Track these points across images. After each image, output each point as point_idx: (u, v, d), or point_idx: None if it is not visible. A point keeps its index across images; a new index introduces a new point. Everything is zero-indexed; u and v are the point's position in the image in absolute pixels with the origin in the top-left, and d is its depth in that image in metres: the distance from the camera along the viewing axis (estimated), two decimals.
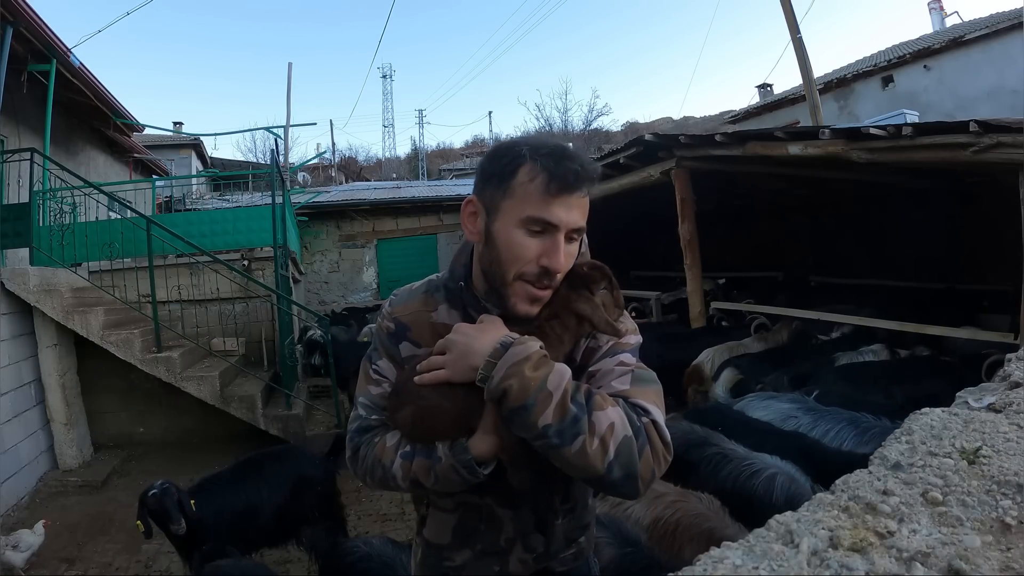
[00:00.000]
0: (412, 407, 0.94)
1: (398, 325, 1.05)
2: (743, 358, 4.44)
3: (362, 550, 2.30)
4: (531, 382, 0.82)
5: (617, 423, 0.83)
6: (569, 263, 0.95)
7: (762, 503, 2.18)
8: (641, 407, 0.88)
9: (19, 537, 3.49)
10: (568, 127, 25.76)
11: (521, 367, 0.83)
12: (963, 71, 11.23)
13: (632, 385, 0.93)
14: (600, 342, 0.98)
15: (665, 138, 5.40)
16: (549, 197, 0.90)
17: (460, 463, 0.90)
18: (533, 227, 0.91)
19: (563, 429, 0.81)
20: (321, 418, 5.90)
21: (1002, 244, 4.01)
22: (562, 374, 0.85)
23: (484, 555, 1.06)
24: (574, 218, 0.92)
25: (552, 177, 0.90)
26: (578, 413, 0.82)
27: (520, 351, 0.85)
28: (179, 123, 18.11)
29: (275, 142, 10.71)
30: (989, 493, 0.65)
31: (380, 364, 1.06)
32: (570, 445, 0.82)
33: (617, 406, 0.86)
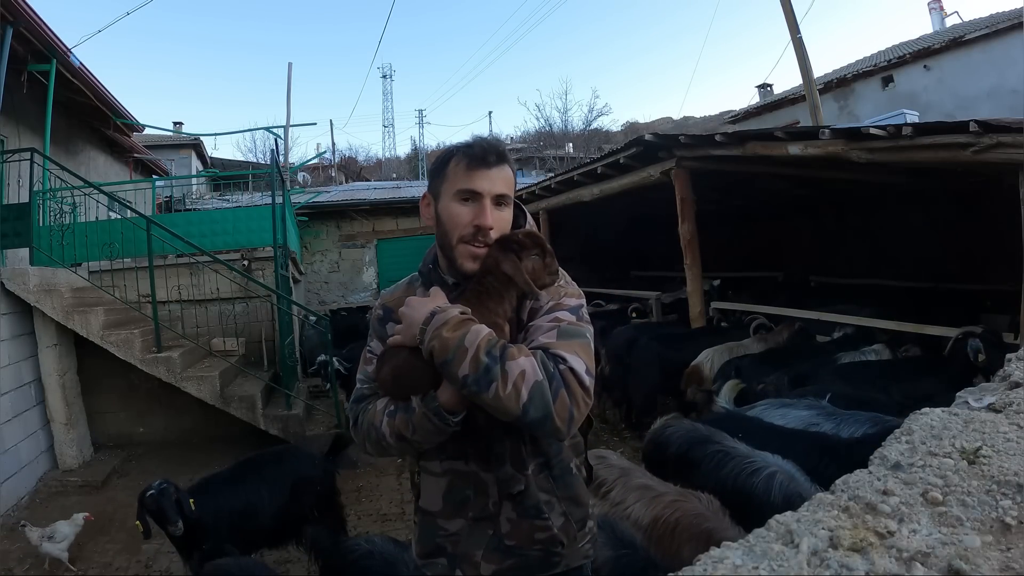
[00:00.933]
0: (389, 367, 1.11)
1: (385, 310, 1.27)
2: (743, 359, 4.44)
3: (364, 548, 2.30)
4: (449, 341, 0.99)
5: (528, 370, 0.97)
6: (501, 225, 1.15)
7: (761, 501, 2.18)
8: (560, 356, 1.01)
9: (55, 528, 3.52)
10: (568, 127, 25.73)
11: (441, 330, 1.00)
12: (963, 71, 11.22)
13: (557, 339, 1.05)
14: (541, 302, 1.13)
15: (665, 138, 5.39)
16: (470, 172, 1.13)
17: (431, 411, 1.03)
18: (463, 196, 1.14)
19: (479, 378, 0.96)
20: (321, 418, 5.90)
21: (1002, 244, 4.01)
22: (477, 332, 1.00)
23: (477, 521, 1.15)
24: (496, 187, 1.14)
25: (470, 157, 1.14)
26: (489, 363, 0.97)
27: (441, 317, 1.02)
28: (179, 123, 18.12)
29: (275, 142, 10.71)
30: (989, 493, 0.65)
31: (372, 345, 1.25)
32: (486, 391, 0.96)
33: (531, 356, 0.99)
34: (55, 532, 3.48)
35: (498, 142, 1.22)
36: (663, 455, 2.71)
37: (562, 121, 25.81)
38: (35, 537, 3.51)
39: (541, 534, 1.15)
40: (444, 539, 1.18)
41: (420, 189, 13.27)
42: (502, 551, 1.15)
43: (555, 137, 25.24)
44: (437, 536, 1.18)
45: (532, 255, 1.11)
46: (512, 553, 1.14)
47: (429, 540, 1.20)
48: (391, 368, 1.11)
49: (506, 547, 1.14)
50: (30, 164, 5.27)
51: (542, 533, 1.15)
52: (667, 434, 2.81)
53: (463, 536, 1.16)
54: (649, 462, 2.83)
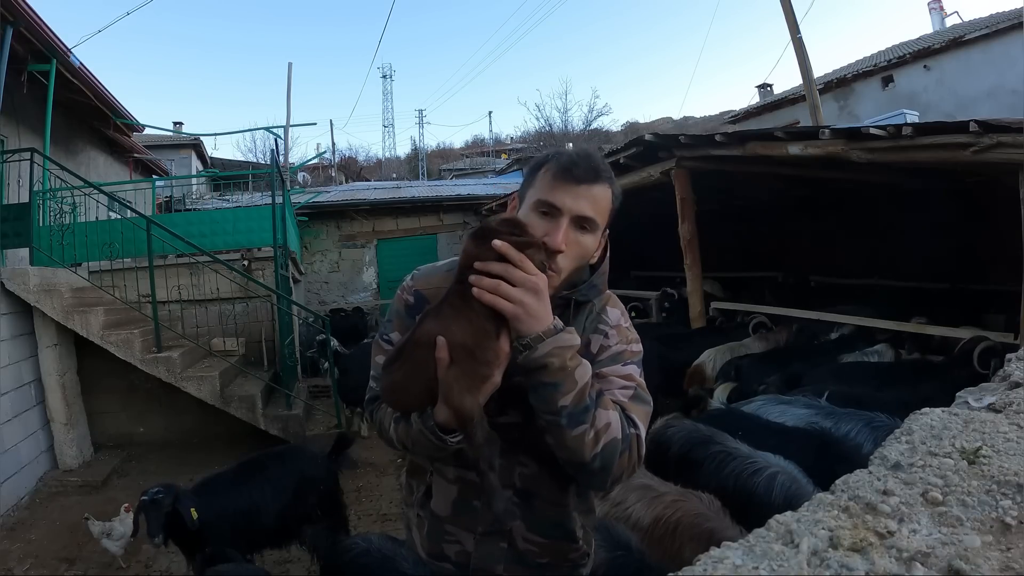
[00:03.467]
0: (388, 380, 1.01)
1: (418, 298, 1.12)
2: (743, 359, 4.44)
3: (361, 546, 2.30)
4: (568, 366, 0.93)
5: (613, 424, 0.96)
6: (578, 252, 1.04)
7: (762, 501, 2.19)
8: (633, 420, 1.01)
9: (112, 526, 3.54)
10: (568, 127, 25.72)
11: (565, 352, 0.93)
12: (963, 71, 11.22)
13: (631, 400, 1.03)
14: (611, 342, 1.08)
15: (665, 138, 5.39)
16: (555, 184, 1.03)
17: (426, 428, 0.97)
18: (542, 209, 1.03)
19: (574, 413, 0.93)
20: (321, 418, 5.91)
21: (1002, 244, 4.01)
22: (587, 370, 0.96)
23: (487, 536, 1.11)
24: (580, 206, 1.01)
25: (559, 168, 1.04)
26: (589, 404, 0.94)
27: (570, 339, 0.94)
28: (179, 123, 18.14)
29: (275, 142, 10.72)
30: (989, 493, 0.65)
31: (393, 336, 1.13)
32: (573, 429, 0.93)
33: (616, 410, 0.98)
34: (113, 530, 3.53)
35: (598, 158, 1.07)
36: (664, 455, 2.71)
37: (562, 121, 25.83)
38: (96, 531, 3.56)
39: (574, 553, 1.16)
40: (451, 547, 1.15)
41: (420, 189, 13.29)
42: (530, 565, 1.12)
43: (555, 137, 25.22)
44: (445, 540, 1.15)
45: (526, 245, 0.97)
46: (543, 568, 1.13)
47: (436, 542, 1.17)
48: (389, 383, 1.01)
49: (537, 564, 1.12)
50: (30, 164, 5.27)
51: (575, 552, 1.16)
52: (668, 435, 2.81)
53: (474, 551, 1.13)
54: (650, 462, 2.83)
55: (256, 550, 3.13)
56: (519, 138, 30.77)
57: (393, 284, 10.85)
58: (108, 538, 3.52)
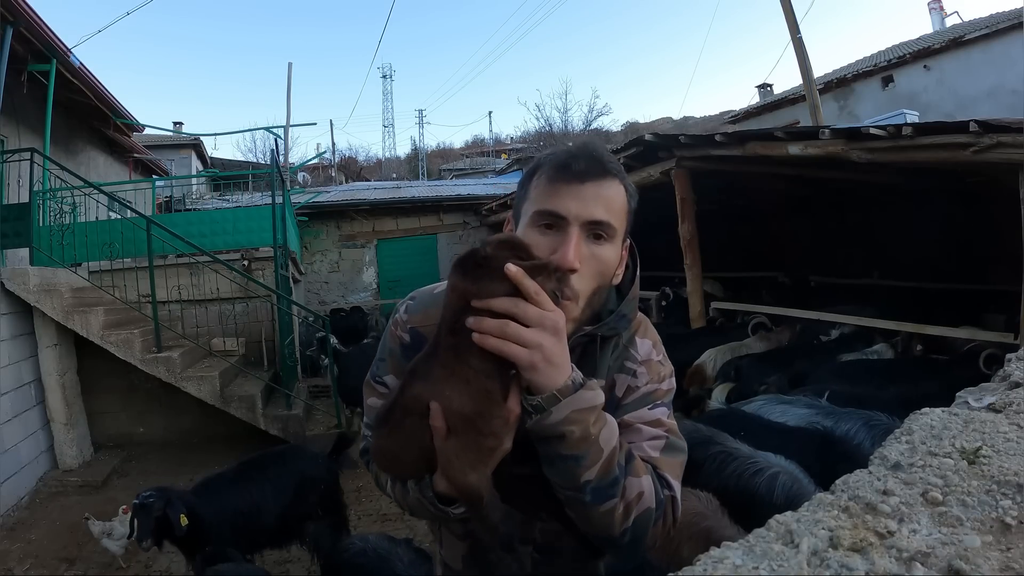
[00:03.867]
0: (377, 445, 0.83)
1: (415, 337, 0.94)
2: (743, 359, 4.45)
3: (358, 546, 2.32)
4: (591, 435, 0.75)
5: (646, 493, 0.81)
6: (597, 268, 0.85)
7: (763, 501, 2.19)
8: (667, 480, 0.86)
9: (113, 526, 3.55)
10: (568, 127, 25.73)
11: (588, 416, 0.75)
12: (963, 71, 11.22)
13: (662, 453, 0.88)
14: (639, 381, 0.91)
15: (665, 138, 5.39)
16: (554, 188, 0.84)
17: (425, 499, 0.83)
18: (543, 221, 0.84)
19: (600, 488, 0.77)
20: (321, 418, 5.91)
21: (1002, 244, 4.01)
22: (613, 431, 0.79)
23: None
24: (589, 209, 0.82)
25: (556, 167, 0.85)
26: (618, 476, 0.78)
27: (592, 397, 0.75)
28: (179, 123, 18.14)
29: (275, 142, 10.72)
30: (989, 493, 0.65)
31: (387, 379, 0.97)
32: (600, 505, 0.78)
33: (649, 474, 0.82)
34: (113, 530, 3.54)
35: (601, 148, 0.88)
36: None
37: (562, 121, 25.84)
38: (97, 531, 3.57)
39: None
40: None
41: (420, 189, 13.28)
42: None
43: (555, 137, 25.22)
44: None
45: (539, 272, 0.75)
46: None
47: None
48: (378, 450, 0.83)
49: None
50: (30, 164, 5.27)
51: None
52: None
53: None
54: None
55: (256, 550, 3.14)
56: (519, 138, 30.80)
57: (393, 284, 10.88)
58: (108, 538, 3.54)
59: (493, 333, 0.69)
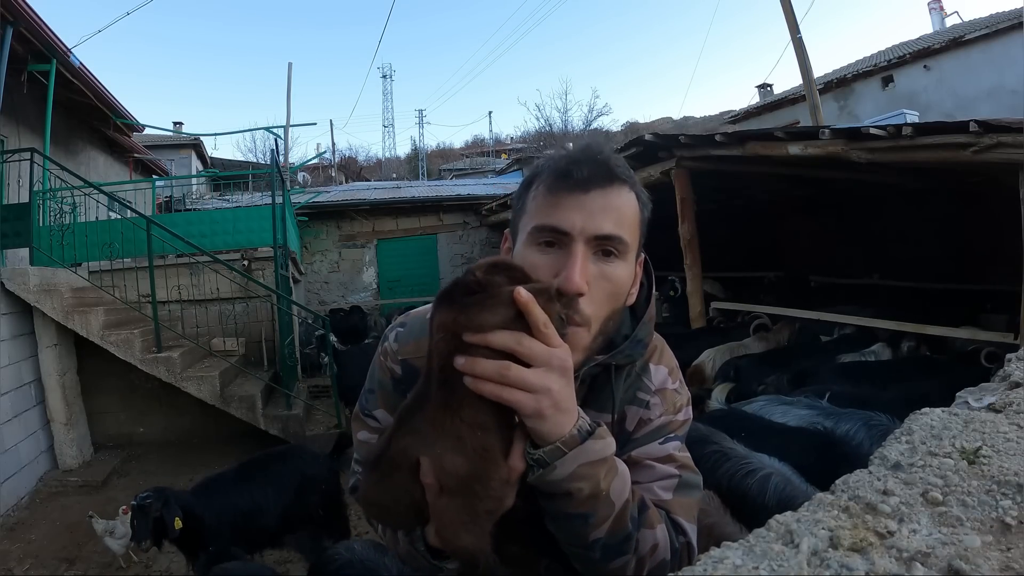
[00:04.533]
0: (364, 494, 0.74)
1: (406, 370, 0.84)
2: (743, 359, 4.44)
3: (344, 556, 2.28)
4: (601, 491, 0.67)
5: (661, 545, 0.73)
6: (608, 289, 0.74)
7: (755, 502, 2.19)
8: (681, 527, 0.78)
9: (115, 525, 3.55)
10: (568, 127, 25.75)
11: (597, 470, 0.66)
12: (963, 71, 11.23)
13: (675, 494, 0.79)
14: (653, 414, 0.82)
15: (665, 138, 5.39)
16: (554, 199, 0.73)
17: (416, 551, 0.74)
18: (543, 239, 0.73)
19: (611, 545, 0.69)
20: (321, 418, 5.90)
21: (1002, 244, 4.01)
22: (625, 482, 0.70)
23: None
24: (596, 222, 0.71)
25: (556, 174, 0.74)
26: (631, 531, 0.70)
27: (601, 449, 0.66)
28: (179, 123, 18.14)
29: (275, 142, 10.71)
30: (989, 493, 0.65)
31: (378, 415, 0.89)
32: (610, 563, 0.70)
33: (663, 523, 0.75)
34: (115, 528, 3.54)
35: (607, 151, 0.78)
36: None
37: (562, 121, 25.87)
38: (100, 529, 3.57)
39: None
40: None
41: (420, 189, 13.29)
42: None
43: (555, 137, 25.23)
44: None
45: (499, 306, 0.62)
46: None
47: None
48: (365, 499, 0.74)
49: None
50: (30, 164, 5.28)
51: None
52: None
53: None
54: None
55: (257, 550, 3.13)
56: (519, 138, 30.82)
57: (393, 284, 10.88)
58: (111, 536, 3.54)
59: (491, 377, 0.59)
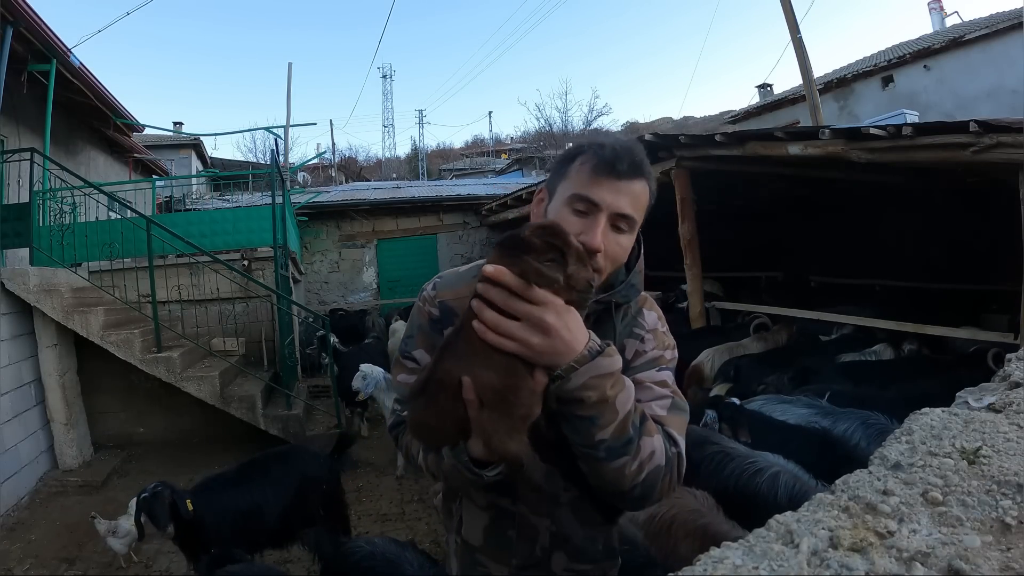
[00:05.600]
0: (412, 418, 0.90)
1: (444, 311, 1.01)
2: (742, 359, 4.44)
3: (365, 549, 2.30)
4: (607, 398, 0.83)
5: (657, 452, 0.88)
6: (616, 253, 0.95)
7: (766, 501, 2.18)
8: (674, 438, 0.93)
9: (118, 524, 3.54)
10: (568, 127, 25.75)
11: (604, 382, 0.82)
12: (963, 71, 11.22)
13: (669, 412, 0.96)
14: (647, 347, 1.00)
15: (665, 138, 5.39)
16: (595, 178, 0.94)
17: (461, 464, 0.87)
18: (578, 205, 0.94)
19: (614, 447, 0.85)
20: (321, 418, 5.90)
21: (1002, 244, 4.01)
22: (630, 395, 0.86)
23: (523, 569, 1.01)
24: (620, 203, 0.93)
25: (600, 160, 0.94)
26: (632, 436, 0.85)
27: (609, 364, 0.83)
28: (179, 123, 18.14)
29: (275, 142, 10.70)
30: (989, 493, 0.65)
31: (416, 354, 1.04)
32: (613, 462, 0.85)
33: (659, 434, 0.90)
34: (118, 528, 3.53)
35: (640, 152, 0.97)
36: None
37: (562, 121, 25.90)
38: (103, 529, 3.56)
39: (612, 569, 1.09)
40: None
41: (420, 189, 13.28)
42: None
43: (555, 137, 25.25)
44: (477, 572, 1.05)
45: (546, 261, 0.78)
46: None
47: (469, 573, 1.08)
48: (414, 422, 0.90)
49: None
50: (30, 164, 5.27)
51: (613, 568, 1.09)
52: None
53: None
54: None
55: (257, 550, 3.13)
56: (519, 138, 30.83)
57: (393, 284, 10.87)
58: (114, 536, 3.52)
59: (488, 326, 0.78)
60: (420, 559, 2.22)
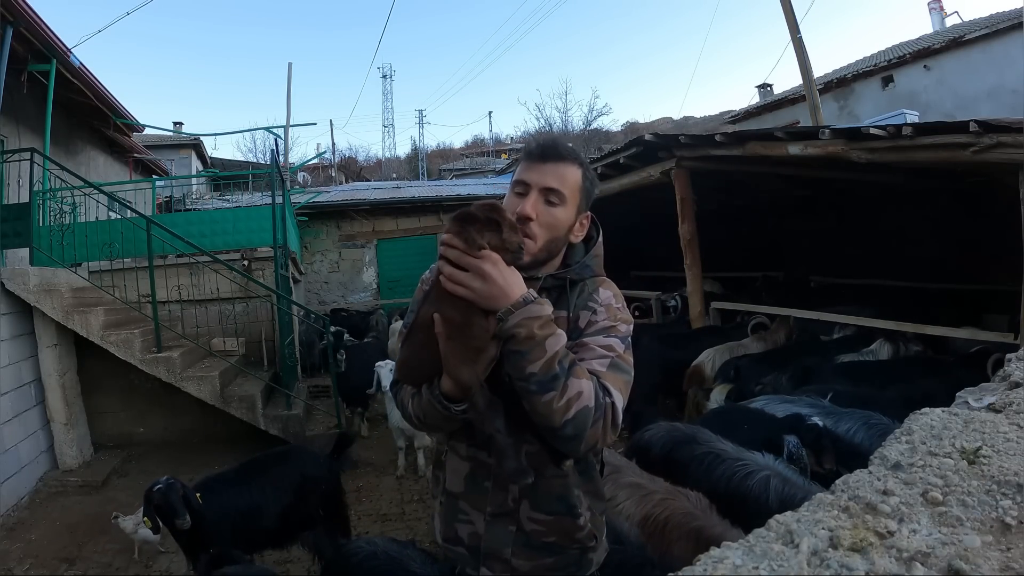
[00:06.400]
0: (400, 358, 1.16)
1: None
2: (743, 359, 4.44)
3: (367, 549, 2.29)
4: (534, 336, 1.00)
5: (585, 393, 1.01)
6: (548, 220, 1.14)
7: (757, 504, 2.17)
8: (608, 389, 1.06)
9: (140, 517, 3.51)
10: (568, 127, 25.71)
11: (532, 322, 1.00)
12: (963, 71, 11.22)
13: (607, 369, 1.08)
14: (599, 317, 1.14)
15: (665, 138, 5.39)
16: (525, 165, 1.18)
17: (433, 397, 1.07)
18: (516, 188, 1.17)
19: (543, 381, 0.99)
20: (321, 418, 5.90)
21: (1002, 244, 4.00)
22: (559, 339, 1.02)
23: (496, 517, 1.15)
24: (545, 180, 1.14)
25: (527, 151, 1.21)
26: (558, 373, 1.00)
27: (536, 310, 1.01)
28: (179, 123, 18.12)
29: (275, 142, 10.70)
30: (989, 493, 0.65)
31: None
32: (542, 395, 0.99)
33: (590, 381, 1.03)
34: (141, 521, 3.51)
35: (561, 143, 1.22)
36: (646, 459, 2.70)
37: (562, 121, 25.81)
38: (130, 527, 3.56)
39: (579, 532, 1.15)
40: (464, 527, 1.18)
41: (420, 189, 13.29)
42: (538, 548, 1.14)
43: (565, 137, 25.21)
44: (458, 519, 1.19)
45: (487, 231, 1.00)
46: (551, 550, 1.14)
47: (450, 523, 1.20)
48: (400, 361, 1.15)
49: (544, 544, 1.14)
50: (30, 164, 5.27)
51: (580, 532, 1.15)
52: (647, 438, 2.79)
53: (484, 534, 1.16)
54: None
55: (257, 550, 3.13)
56: (519, 138, 30.76)
57: (393, 284, 10.87)
58: (143, 527, 3.50)
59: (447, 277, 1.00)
60: (422, 557, 2.22)
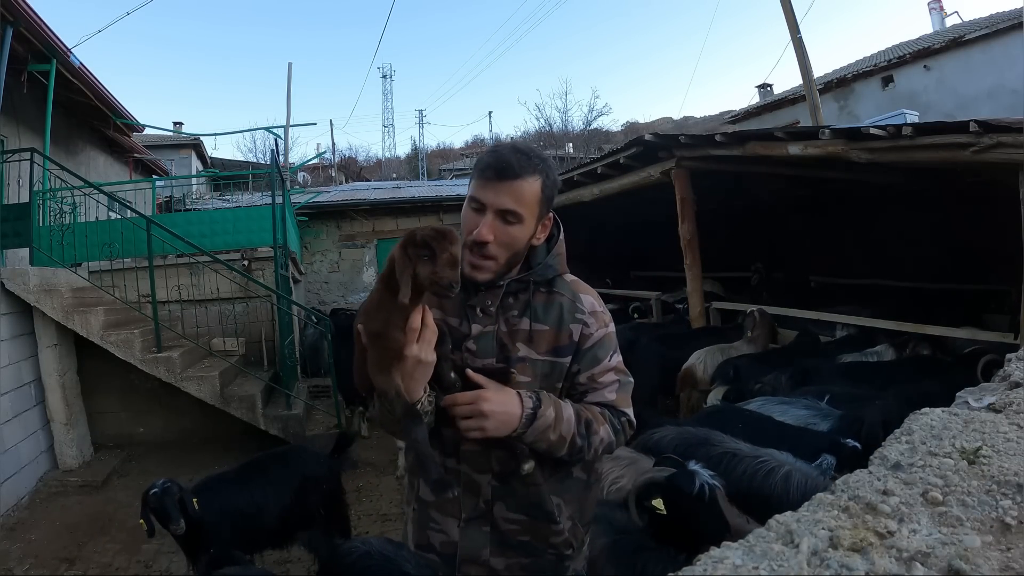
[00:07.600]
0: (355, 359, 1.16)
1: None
2: (740, 359, 4.42)
3: (361, 549, 2.29)
4: (550, 440, 1.08)
5: (605, 437, 1.12)
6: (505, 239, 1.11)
7: (780, 502, 2.14)
8: (621, 411, 1.17)
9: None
10: (568, 127, 25.73)
11: (547, 434, 1.08)
12: (963, 71, 11.21)
13: (618, 393, 1.17)
14: (591, 329, 1.17)
15: (665, 138, 5.38)
16: (480, 182, 1.13)
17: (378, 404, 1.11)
18: (472, 204, 1.14)
19: (572, 454, 1.11)
20: (321, 418, 5.90)
21: (1002, 244, 4.00)
22: (569, 421, 1.09)
23: (470, 522, 1.18)
24: (501, 201, 1.10)
25: (482, 167, 1.14)
26: (582, 444, 1.10)
27: (543, 424, 1.07)
28: (179, 123, 18.13)
29: (275, 142, 10.69)
30: (989, 493, 0.65)
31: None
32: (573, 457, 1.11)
33: (606, 422, 1.13)
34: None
35: (519, 153, 1.13)
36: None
37: (562, 121, 25.86)
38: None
39: (555, 538, 1.16)
40: (436, 535, 1.19)
41: (420, 189, 13.28)
42: (514, 546, 1.16)
43: (555, 137, 25.24)
44: (430, 527, 1.20)
45: (423, 255, 0.94)
46: (526, 550, 1.16)
47: (423, 530, 1.22)
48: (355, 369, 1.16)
49: (519, 543, 1.16)
50: (30, 164, 5.27)
51: (556, 536, 1.16)
52: (656, 439, 2.73)
53: (460, 540, 1.17)
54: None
55: (257, 550, 3.13)
56: (519, 138, 30.75)
57: None
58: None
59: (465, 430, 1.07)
60: (416, 558, 2.22)
